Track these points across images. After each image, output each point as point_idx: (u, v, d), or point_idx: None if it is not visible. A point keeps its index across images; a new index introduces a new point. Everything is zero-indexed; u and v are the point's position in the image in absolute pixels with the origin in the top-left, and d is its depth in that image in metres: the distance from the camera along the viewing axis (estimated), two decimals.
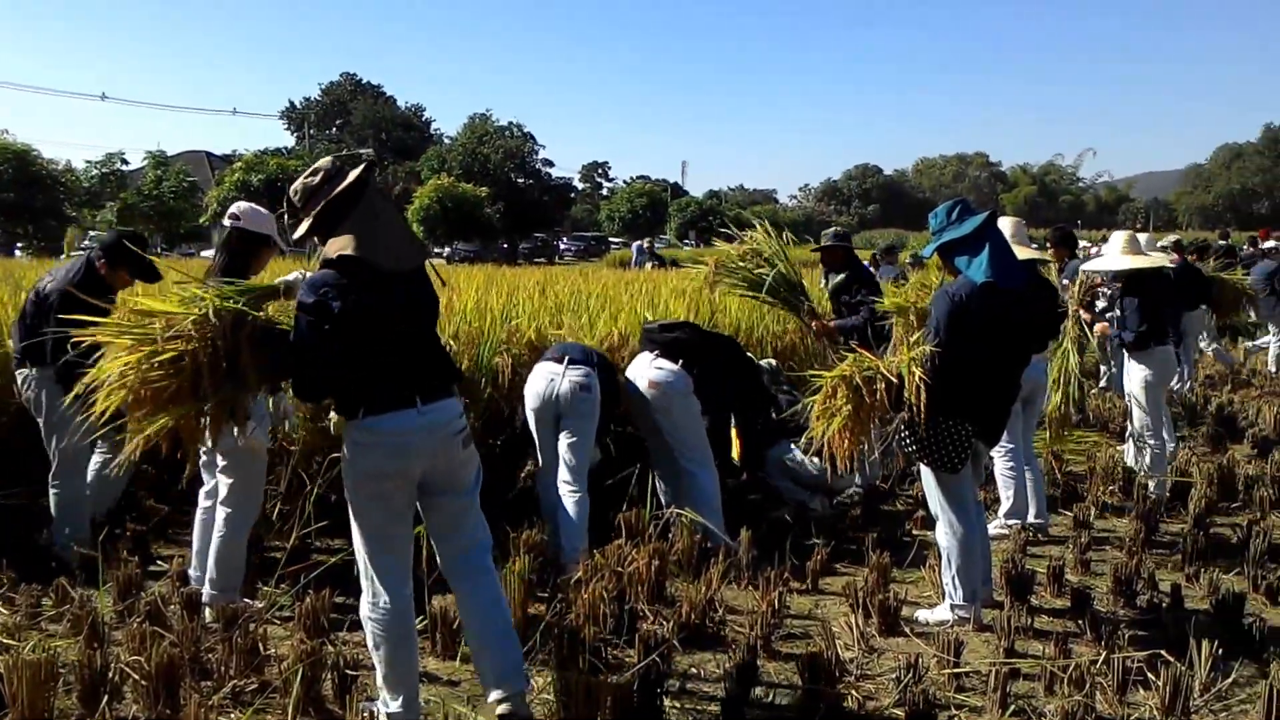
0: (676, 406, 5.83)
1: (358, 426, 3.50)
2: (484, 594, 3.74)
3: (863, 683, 4.22)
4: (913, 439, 4.75)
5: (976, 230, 4.68)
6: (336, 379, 3.53)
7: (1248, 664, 4.37)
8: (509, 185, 58.35)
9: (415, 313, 3.60)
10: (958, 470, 4.76)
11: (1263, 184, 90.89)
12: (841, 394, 4.75)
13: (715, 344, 6.36)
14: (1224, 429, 9.50)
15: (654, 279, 12.15)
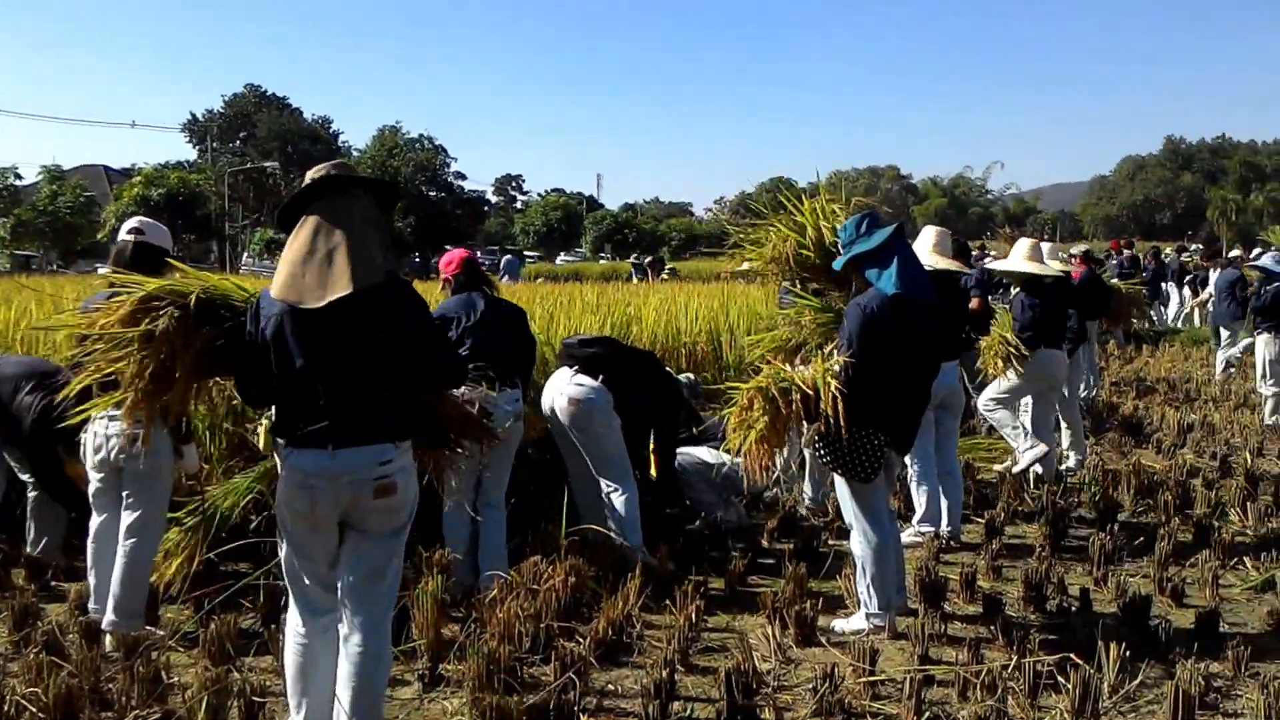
0: (596, 422, 5.78)
1: (282, 456, 3.42)
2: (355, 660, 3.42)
3: (780, 694, 4.22)
4: (826, 449, 4.79)
5: (885, 243, 4.76)
6: (267, 396, 3.46)
7: (1155, 665, 4.46)
8: (420, 198, 57.78)
9: (345, 348, 3.31)
10: (870, 480, 4.81)
11: (1164, 195, 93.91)
12: (758, 405, 4.77)
13: (634, 358, 6.34)
14: (1129, 434, 9.75)
15: (569, 293, 12.07)
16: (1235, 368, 13.80)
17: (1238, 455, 8.83)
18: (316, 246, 3.30)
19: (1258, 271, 10.80)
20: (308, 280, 3.25)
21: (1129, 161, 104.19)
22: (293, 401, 3.36)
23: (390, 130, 63.39)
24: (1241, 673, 4.38)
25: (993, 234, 71.38)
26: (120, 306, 3.54)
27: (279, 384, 3.36)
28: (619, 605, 4.79)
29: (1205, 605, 5.16)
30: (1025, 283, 7.47)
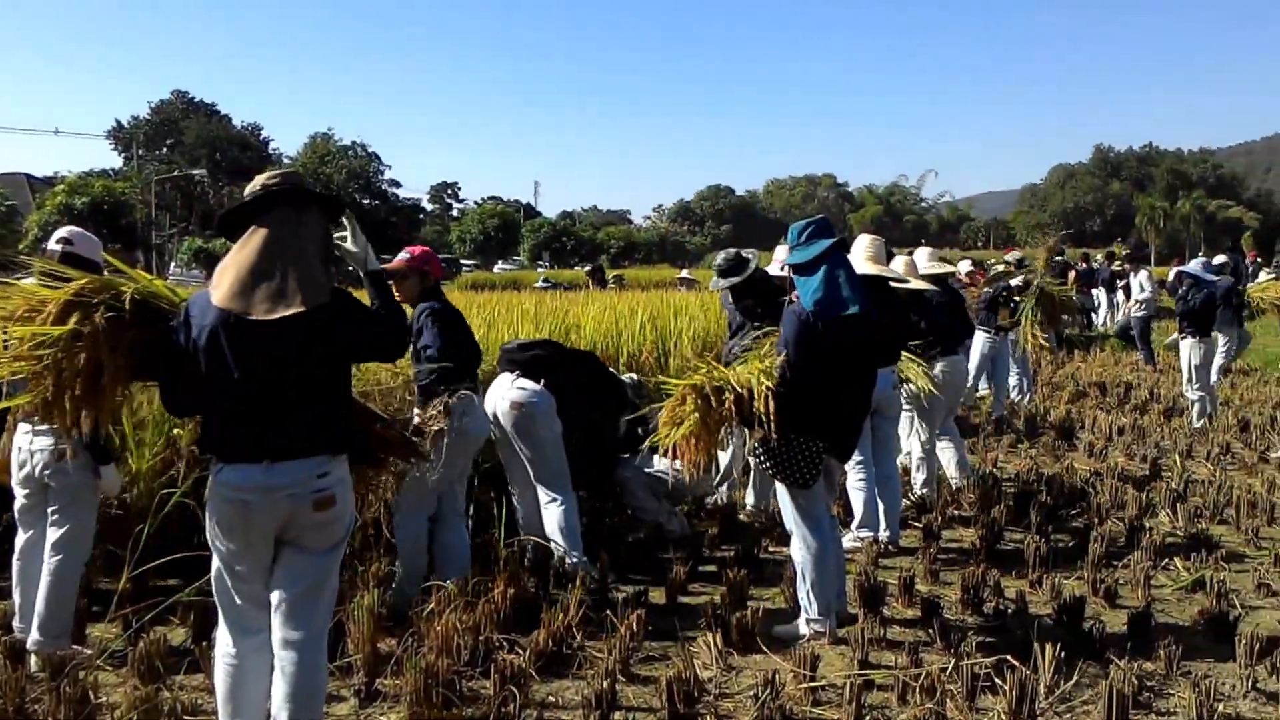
0: (539, 425, 5.71)
1: (211, 472, 3.34)
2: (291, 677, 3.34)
3: (721, 701, 4.21)
4: (766, 455, 4.81)
5: (819, 255, 4.78)
6: (192, 405, 3.40)
7: (1089, 665, 4.53)
8: (354, 206, 57.19)
9: (283, 360, 3.25)
10: (809, 486, 4.83)
11: (1094, 202, 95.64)
12: (690, 402, 4.79)
13: (575, 359, 6.31)
14: (1062, 438, 9.90)
15: (506, 301, 11.99)
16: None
17: (1168, 458, 9.01)
18: (266, 260, 3.24)
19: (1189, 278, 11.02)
20: (258, 294, 3.19)
21: (1059, 170, 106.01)
22: (224, 414, 3.29)
23: (322, 137, 62.74)
24: (1173, 672, 4.46)
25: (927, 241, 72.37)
26: (47, 302, 3.39)
27: (211, 395, 3.29)
28: (559, 616, 4.76)
29: (1138, 606, 5.25)
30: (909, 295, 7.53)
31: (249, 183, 3.58)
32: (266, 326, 3.17)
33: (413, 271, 5.21)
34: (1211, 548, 6.22)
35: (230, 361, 3.21)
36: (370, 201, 60.16)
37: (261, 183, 3.43)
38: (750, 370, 4.75)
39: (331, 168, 58.56)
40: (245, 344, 3.20)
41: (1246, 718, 4.08)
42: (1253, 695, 4.25)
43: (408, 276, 5.17)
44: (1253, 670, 4.40)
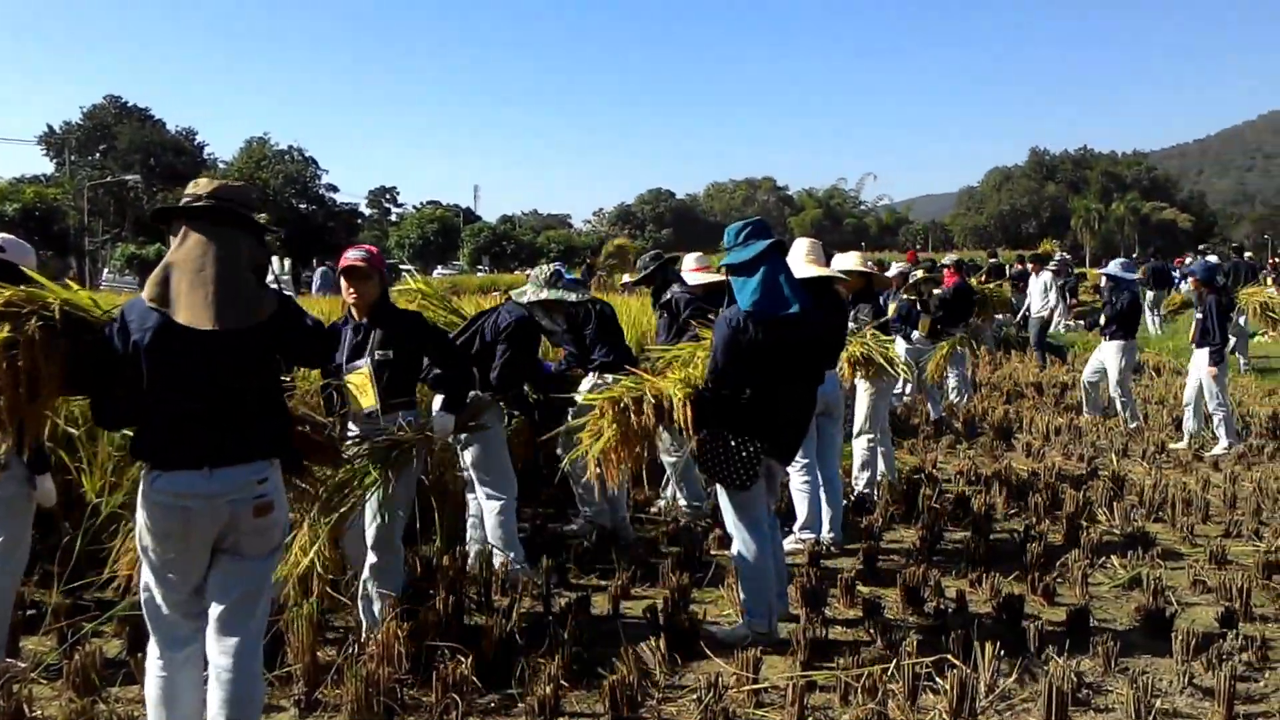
0: (487, 433, 5.66)
1: (145, 478, 3.29)
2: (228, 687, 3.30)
3: (665, 705, 4.19)
4: (704, 458, 4.84)
5: (757, 256, 4.79)
6: (126, 416, 3.34)
7: (1029, 663, 4.57)
8: (291, 211, 56.55)
9: (226, 368, 3.24)
10: (748, 488, 4.84)
11: (1030, 205, 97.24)
12: (609, 415, 4.79)
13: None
14: (1000, 438, 10.02)
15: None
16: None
17: (1104, 457, 9.16)
18: (205, 269, 3.22)
19: (1110, 279, 11.22)
20: (199, 303, 3.17)
21: (996, 172, 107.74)
22: (162, 420, 3.24)
23: (258, 142, 62.01)
24: (1111, 668, 4.51)
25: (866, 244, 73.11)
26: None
27: (148, 402, 3.23)
28: (501, 623, 4.71)
29: (1076, 604, 5.31)
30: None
31: (183, 188, 3.53)
32: (208, 335, 3.16)
33: (375, 272, 4.92)
34: (1148, 546, 6.31)
35: (170, 368, 3.18)
36: (307, 206, 59.53)
37: (203, 193, 3.37)
38: (670, 379, 4.78)
39: (268, 172, 57.84)
40: (186, 351, 3.18)
41: (1183, 713, 4.13)
42: (1189, 691, 4.31)
43: (370, 277, 4.87)
44: (1189, 666, 4.47)
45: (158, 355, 3.17)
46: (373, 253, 4.94)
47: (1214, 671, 4.31)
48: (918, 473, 8.36)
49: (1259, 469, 8.67)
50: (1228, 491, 7.60)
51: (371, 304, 4.84)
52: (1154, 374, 14.98)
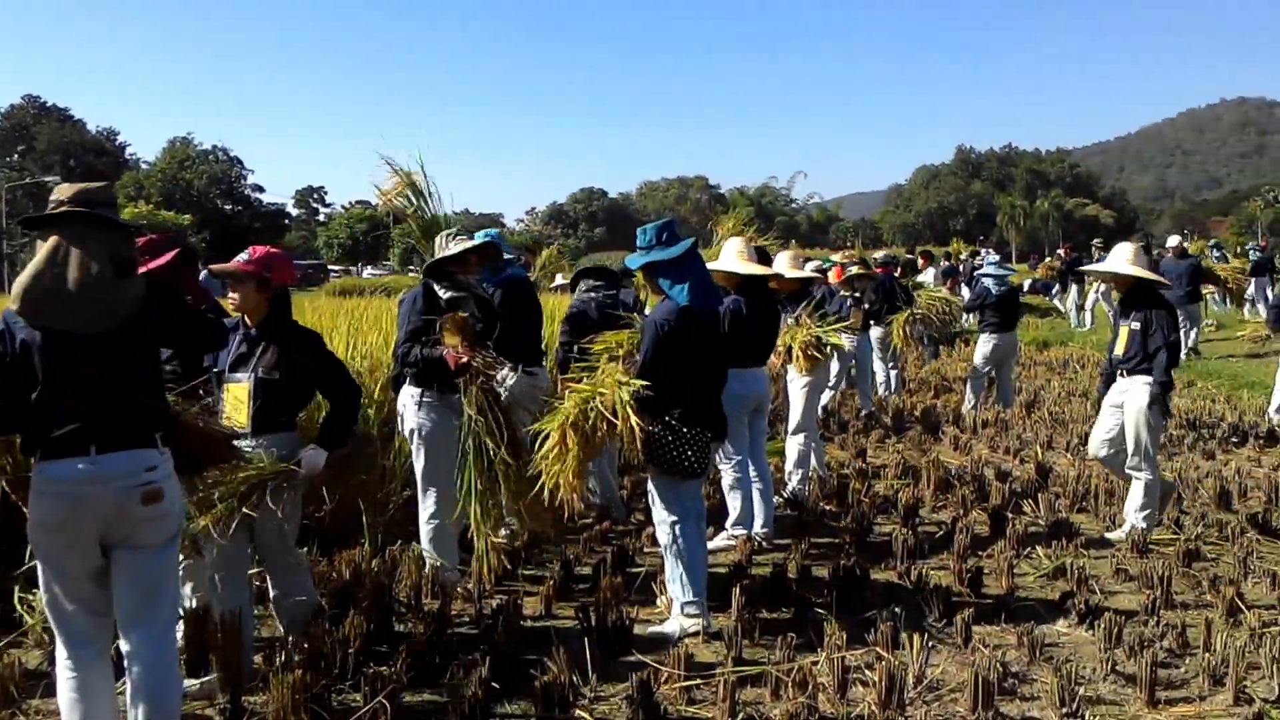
0: (420, 433, 5.59)
1: (34, 472, 3.28)
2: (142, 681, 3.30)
3: (596, 705, 4.17)
4: (657, 450, 4.89)
5: (685, 254, 4.94)
6: (13, 416, 3.28)
7: (956, 653, 4.62)
8: (215, 212, 55.75)
9: (102, 363, 3.27)
10: (702, 474, 4.99)
11: (957, 202, 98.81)
12: (571, 440, 4.78)
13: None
14: (929, 432, 10.15)
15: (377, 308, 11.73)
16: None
17: (1029, 449, 9.30)
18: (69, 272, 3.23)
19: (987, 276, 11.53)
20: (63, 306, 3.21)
21: (923, 170, 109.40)
22: (47, 411, 3.23)
23: (181, 142, 61.05)
24: (1037, 657, 4.58)
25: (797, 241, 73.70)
26: None
27: (36, 398, 3.22)
28: (431, 625, 4.66)
29: (1002, 593, 5.39)
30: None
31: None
32: (80, 334, 3.23)
33: (249, 276, 4.47)
34: (1072, 536, 6.41)
35: (51, 367, 3.20)
36: (232, 207, 58.78)
37: (64, 199, 3.37)
38: (610, 387, 4.78)
39: (192, 173, 57.02)
40: (62, 351, 3.21)
41: (1107, 700, 4.20)
42: (1112, 677, 4.39)
43: (245, 281, 4.47)
44: (1111, 653, 4.54)
45: (40, 355, 3.19)
46: (252, 254, 4.51)
47: (1136, 658, 4.38)
48: (847, 467, 8.43)
49: (1179, 459, 8.86)
50: None
51: (261, 314, 4.51)
52: (1079, 367, 15.25)
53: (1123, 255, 6.71)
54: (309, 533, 6.04)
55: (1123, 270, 6.61)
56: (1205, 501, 7.37)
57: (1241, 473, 8.15)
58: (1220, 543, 6.32)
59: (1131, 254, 6.69)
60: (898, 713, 3.98)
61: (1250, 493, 7.57)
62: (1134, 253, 6.73)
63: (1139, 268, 6.62)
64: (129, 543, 3.33)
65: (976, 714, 3.96)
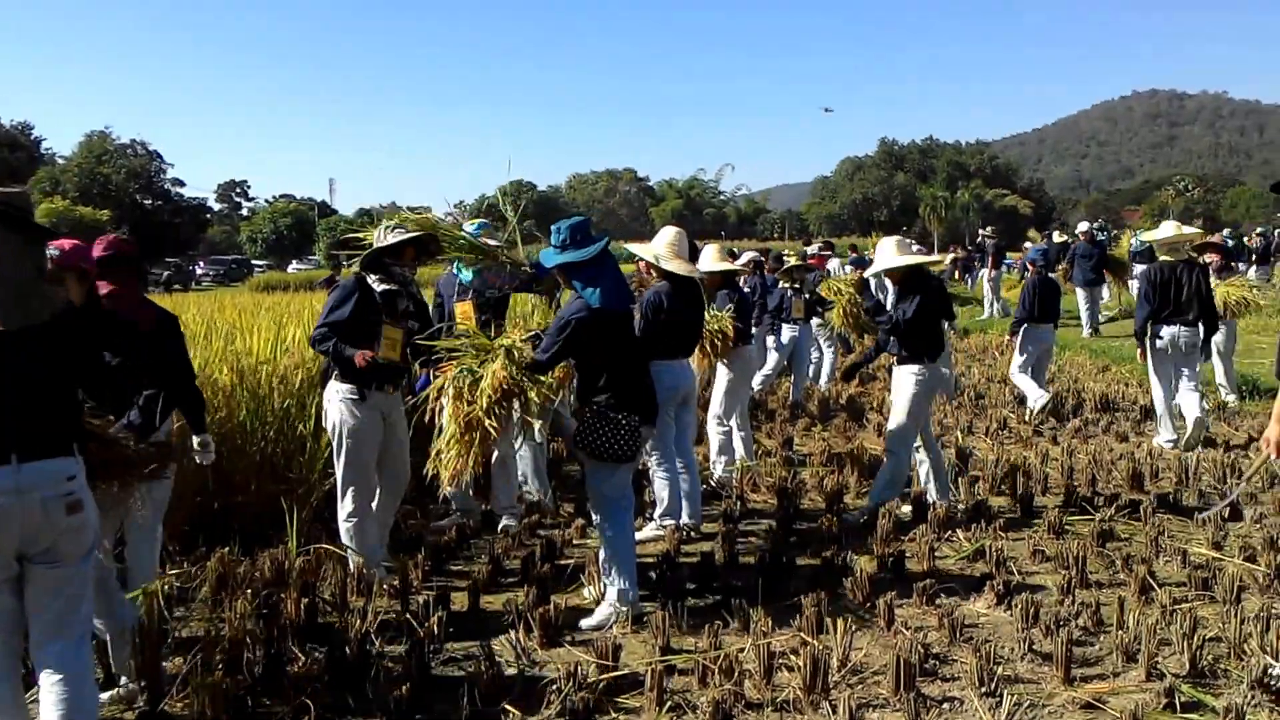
0: (344, 426, 5.51)
1: None
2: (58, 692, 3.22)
3: (525, 698, 4.17)
4: (589, 436, 4.94)
5: (598, 256, 5.03)
6: None
7: (879, 636, 4.70)
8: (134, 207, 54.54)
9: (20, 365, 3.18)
10: (634, 458, 5.06)
11: (881, 193, 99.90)
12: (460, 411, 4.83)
13: None
14: (853, 419, 10.28)
15: (300, 304, 11.61)
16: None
17: (950, 434, 9.47)
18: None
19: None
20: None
21: (848, 162, 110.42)
22: None
23: (99, 136, 59.64)
24: (957, 638, 4.67)
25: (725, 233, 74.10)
26: None
27: None
28: (357, 624, 4.62)
29: (923, 576, 5.48)
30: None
31: (21, 184, 3.40)
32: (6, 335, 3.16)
33: (66, 270, 4.16)
34: (991, 518, 6.55)
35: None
36: (152, 202, 57.51)
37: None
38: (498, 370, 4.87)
39: (110, 167, 55.71)
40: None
41: (1024, 678, 4.30)
42: (1029, 657, 4.49)
43: (62, 279, 4.14)
44: (1029, 633, 4.65)
45: None
46: (61, 249, 4.19)
47: (1052, 637, 4.49)
48: (774, 455, 8.51)
49: (1094, 442, 9.09)
50: (1065, 464, 7.94)
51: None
52: (997, 354, 15.53)
53: (889, 250, 6.86)
54: (230, 531, 5.96)
55: (894, 264, 6.74)
56: (1119, 483, 7.57)
57: (1153, 454, 8.39)
58: (1133, 523, 6.50)
59: (896, 247, 6.85)
60: (822, 696, 4.04)
61: (1161, 474, 7.78)
62: (897, 244, 6.88)
63: (908, 256, 6.77)
64: (48, 555, 3.24)
65: (899, 695, 4.03)
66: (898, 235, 7.28)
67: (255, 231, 68.76)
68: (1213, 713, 3.87)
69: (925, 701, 4.02)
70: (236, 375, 6.57)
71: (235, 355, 6.93)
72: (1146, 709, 3.82)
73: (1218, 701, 3.92)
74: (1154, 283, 8.86)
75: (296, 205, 75.78)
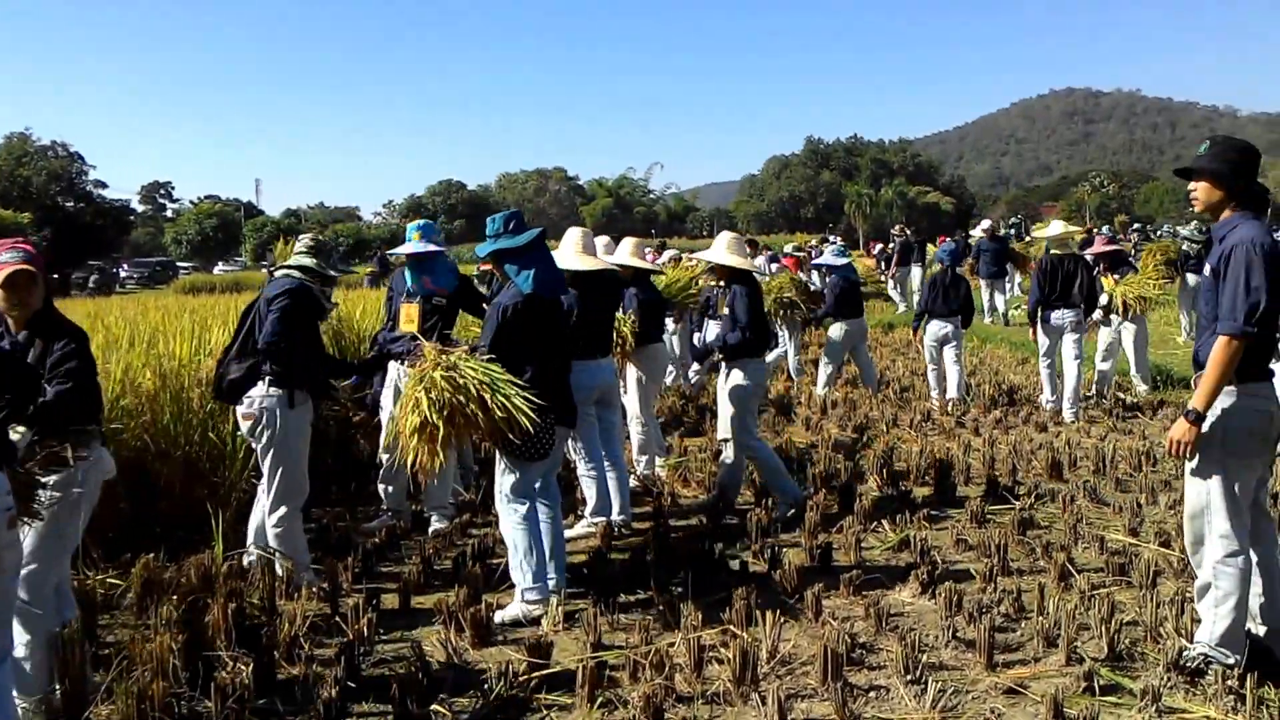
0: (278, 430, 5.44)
1: None
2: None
3: (456, 698, 4.16)
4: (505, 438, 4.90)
5: (530, 243, 5.06)
6: None
7: (808, 627, 4.77)
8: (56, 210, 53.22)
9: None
10: (546, 456, 5.07)
11: (807, 191, 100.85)
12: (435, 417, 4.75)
13: None
14: (781, 414, 10.38)
15: (226, 305, 11.43)
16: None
17: (875, 427, 9.62)
18: None
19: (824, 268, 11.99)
20: None
21: (775, 161, 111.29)
22: None
23: (18, 137, 58.16)
24: (883, 627, 4.76)
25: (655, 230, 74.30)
26: None
27: None
28: (285, 628, 4.58)
29: (850, 567, 5.57)
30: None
31: None
32: None
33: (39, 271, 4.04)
34: (915, 509, 6.66)
35: None
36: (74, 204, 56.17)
37: None
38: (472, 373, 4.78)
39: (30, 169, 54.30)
40: None
41: (949, 665, 4.39)
42: (953, 644, 4.59)
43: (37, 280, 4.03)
44: (952, 621, 4.75)
45: None
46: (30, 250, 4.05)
47: (975, 624, 4.59)
48: (704, 451, 8.57)
49: (1014, 433, 9.30)
50: (986, 455, 8.11)
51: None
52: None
53: (721, 245, 6.96)
54: (155, 536, 5.87)
55: (719, 260, 6.85)
56: (1038, 472, 7.74)
57: (1071, 444, 8.60)
58: (1053, 511, 6.67)
59: (728, 244, 6.96)
60: (751, 688, 4.09)
61: (1080, 462, 7.98)
62: (730, 242, 6.99)
63: (736, 256, 6.84)
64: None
65: (826, 685, 4.09)
66: (735, 233, 7.29)
67: (180, 233, 67.72)
68: (1130, 695, 3.99)
69: (852, 691, 4.09)
70: (159, 379, 6.48)
71: (158, 359, 6.82)
72: (1067, 692, 3.93)
73: (1135, 684, 4.04)
74: (1044, 272, 10.08)
75: (222, 206, 74.74)
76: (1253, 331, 3.80)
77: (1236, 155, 4.04)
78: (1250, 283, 3.82)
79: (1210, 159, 4.06)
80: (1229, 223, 4.03)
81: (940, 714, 3.89)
